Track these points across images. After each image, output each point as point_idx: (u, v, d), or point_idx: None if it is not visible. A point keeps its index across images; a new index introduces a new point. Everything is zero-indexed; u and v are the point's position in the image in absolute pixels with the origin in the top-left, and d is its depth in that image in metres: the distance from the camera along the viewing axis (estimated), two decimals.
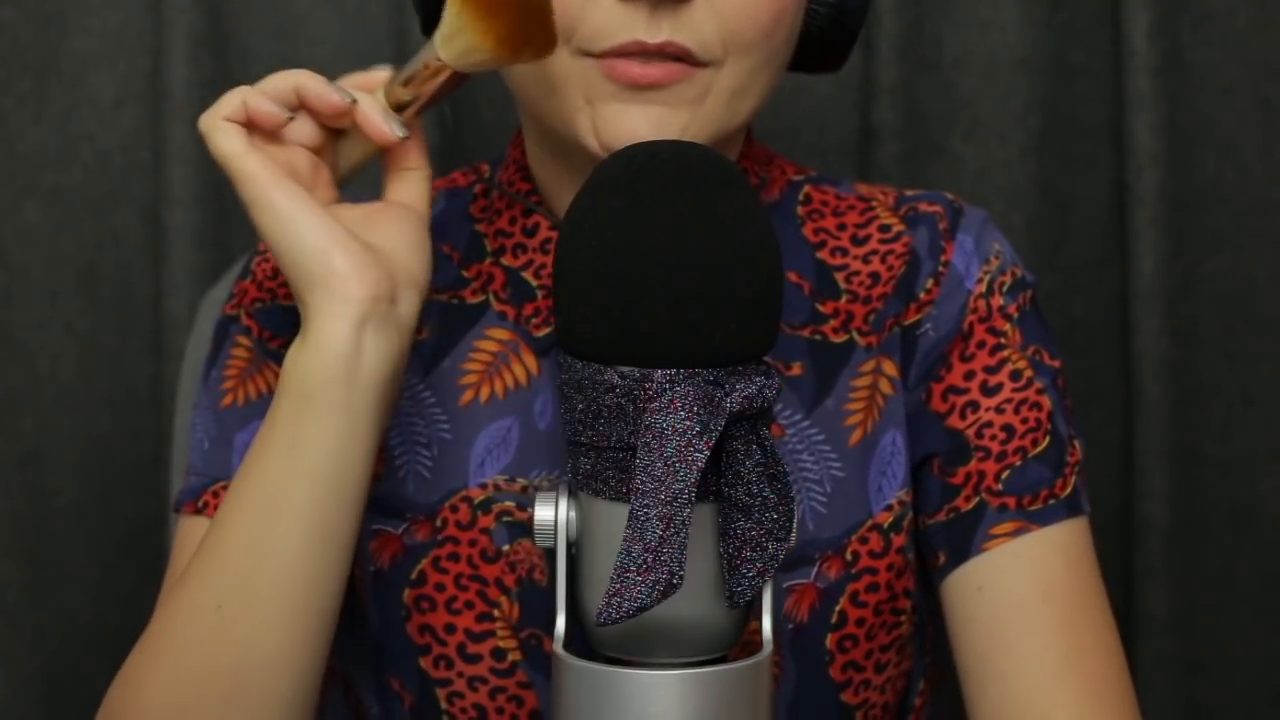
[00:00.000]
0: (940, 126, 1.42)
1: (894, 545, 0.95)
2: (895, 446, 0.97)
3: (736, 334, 0.74)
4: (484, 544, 0.94)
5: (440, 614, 0.94)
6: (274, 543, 0.83)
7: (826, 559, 0.94)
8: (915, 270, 0.99)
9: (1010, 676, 0.92)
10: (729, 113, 0.90)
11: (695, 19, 0.87)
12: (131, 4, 1.40)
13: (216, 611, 0.83)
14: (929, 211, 1.01)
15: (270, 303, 0.99)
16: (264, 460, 0.83)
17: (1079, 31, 1.42)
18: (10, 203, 1.41)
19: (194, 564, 0.85)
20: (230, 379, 0.98)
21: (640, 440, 0.73)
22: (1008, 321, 0.98)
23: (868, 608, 0.94)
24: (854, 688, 0.95)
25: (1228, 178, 1.43)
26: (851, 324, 0.98)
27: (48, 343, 1.42)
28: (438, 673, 0.95)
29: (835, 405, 0.97)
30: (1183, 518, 1.42)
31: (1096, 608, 0.95)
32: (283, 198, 0.82)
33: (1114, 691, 0.93)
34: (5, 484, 1.42)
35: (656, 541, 0.71)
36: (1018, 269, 1.00)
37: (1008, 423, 0.96)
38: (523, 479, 0.95)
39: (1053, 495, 0.95)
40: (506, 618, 0.94)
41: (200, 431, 0.98)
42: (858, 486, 0.96)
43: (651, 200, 0.74)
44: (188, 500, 0.96)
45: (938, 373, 0.97)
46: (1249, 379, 1.44)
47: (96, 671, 1.42)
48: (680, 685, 0.74)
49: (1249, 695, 1.45)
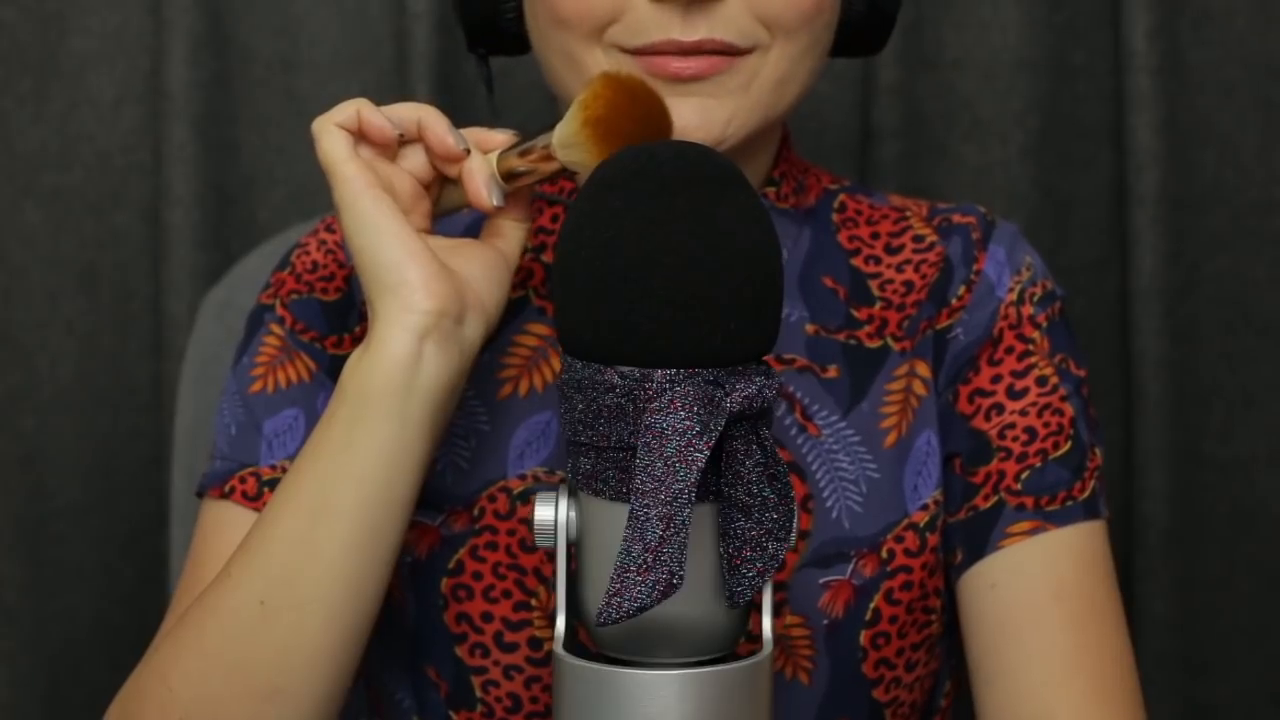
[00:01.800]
0: (940, 126, 1.42)
1: (929, 544, 0.96)
2: (930, 446, 0.97)
3: (736, 334, 0.74)
4: (523, 534, 0.94)
5: (478, 602, 0.94)
6: (320, 542, 0.83)
7: (863, 556, 0.94)
8: (949, 277, 1.00)
9: (1016, 672, 0.93)
10: (775, 98, 0.91)
11: (731, 12, 0.88)
12: (131, 4, 1.40)
13: (259, 607, 0.83)
14: (962, 222, 1.02)
15: (306, 295, 0.99)
16: (316, 460, 0.84)
17: (1079, 31, 1.42)
18: (10, 203, 1.41)
19: (238, 557, 0.85)
20: (261, 366, 0.98)
21: (640, 440, 0.73)
22: (1037, 330, 0.99)
23: (901, 605, 0.95)
24: (885, 685, 0.96)
25: (1228, 178, 1.43)
26: (886, 330, 0.99)
27: (48, 343, 1.42)
28: (474, 660, 0.95)
29: (870, 408, 0.97)
30: (1183, 518, 1.42)
31: (1108, 610, 0.95)
32: (372, 205, 0.83)
33: (1120, 692, 0.93)
34: (5, 484, 1.42)
35: (656, 541, 0.71)
36: (1048, 282, 1.02)
37: (1030, 425, 0.97)
38: (562, 471, 0.95)
39: (1070, 497, 0.96)
40: (544, 607, 0.94)
41: (228, 416, 0.98)
42: (893, 486, 0.96)
43: (651, 200, 0.74)
44: (213, 485, 0.96)
45: (966, 375, 0.98)
46: (1249, 379, 1.44)
47: (96, 671, 1.42)
48: (680, 685, 0.74)
49: (1249, 695, 1.46)
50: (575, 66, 0.91)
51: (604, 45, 0.89)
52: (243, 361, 0.99)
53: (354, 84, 1.41)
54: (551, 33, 0.91)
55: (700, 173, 0.75)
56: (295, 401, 0.97)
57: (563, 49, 0.91)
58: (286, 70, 1.41)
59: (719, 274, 0.73)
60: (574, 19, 0.89)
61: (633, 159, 0.76)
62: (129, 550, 1.43)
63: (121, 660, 0.88)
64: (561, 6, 0.90)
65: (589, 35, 0.89)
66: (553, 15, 0.90)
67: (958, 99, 1.42)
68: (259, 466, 0.95)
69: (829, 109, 1.42)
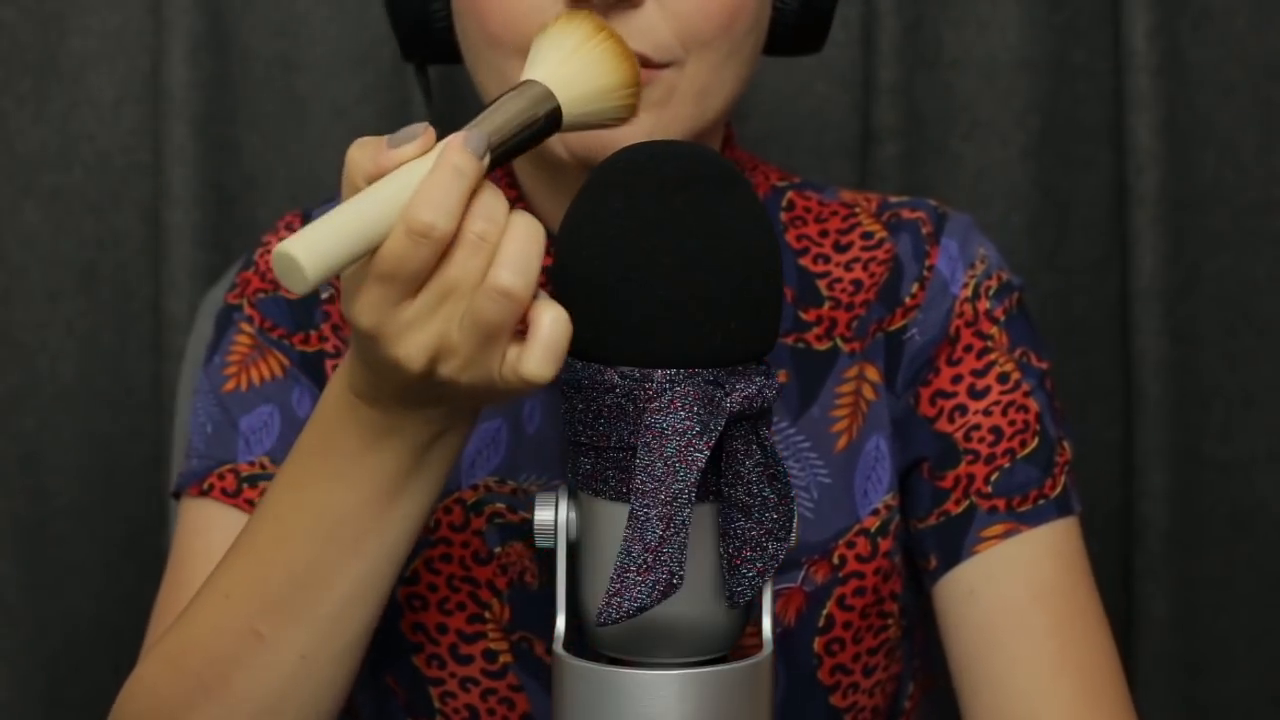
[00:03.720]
0: (940, 126, 1.42)
1: (881, 549, 0.95)
2: (880, 451, 0.97)
3: (736, 334, 0.74)
4: (476, 545, 0.94)
5: (433, 613, 0.94)
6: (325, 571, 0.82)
7: (813, 563, 0.94)
8: (899, 276, 0.99)
9: (1003, 679, 0.92)
10: (698, 111, 0.89)
11: (648, 22, 0.85)
12: (131, 4, 1.40)
13: (253, 635, 0.82)
14: (911, 218, 1.01)
15: (272, 293, 1.00)
16: (314, 487, 0.81)
17: (1079, 31, 1.42)
18: (10, 203, 1.41)
19: (228, 582, 0.84)
20: (233, 365, 0.98)
21: (640, 440, 0.73)
22: (994, 325, 0.98)
23: (854, 611, 0.94)
24: (842, 691, 0.95)
25: (1228, 178, 1.43)
26: (835, 330, 0.98)
27: (48, 343, 1.42)
28: (431, 671, 0.95)
29: (820, 412, 0.97)
30: (1183, 518, 1.42)
31: (1089, 608, 0.95)
32: None
33: (1108, 691, 0.93)
34: (5, 484, 1.41)
35: (656, 541, 0.71)
36: (1004, 273, 1.00)
37: (995, 425, 0.96)
38: (513, 481, 0.95)
39: (1042, 495, 0.95)
40: (498, 620, 0.94)
41: (203, 415, 0.98)
42: (844, 492, 0.96)
43: (651, 200, 0.74)
44: (191, 483, 0.96)
45: (925, 377, 0.97)
46: (1249, 379, 1.44)
47: (96, 671, 1.42)
48: (680, 685, 0.74)
49: (1249, 695, 1.45)
50: (502, 81, 0.88)
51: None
52: (214, 361, 0.99)
53: (354, 84, 1.41)
54: (483, 50, 0.90)
55: (700, 173, 0.75)
56: (269, 398, 0.97)
57: (490, 64, 0.89)
58: (286, 70, 1.41)
59: (719, 274, 0.73)
60: (502, 34, 0.87)
61: (633, 159, 0.76)
62: (129, 550, 1.43)
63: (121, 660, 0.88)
64: (490, 22, 0.87)
65: (515, 52, 0.87)
66: (481, 31, 0.88)
67: (957, 99, 1.42)
68: (237, 463, 0.95)
69: (829, 109, 1.42)
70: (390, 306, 0.71)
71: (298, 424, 0.97)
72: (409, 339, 0.72)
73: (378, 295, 0.71)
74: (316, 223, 0.69)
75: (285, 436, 0.96)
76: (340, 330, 0.99)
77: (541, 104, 0.75)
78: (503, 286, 0.70)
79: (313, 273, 0.68)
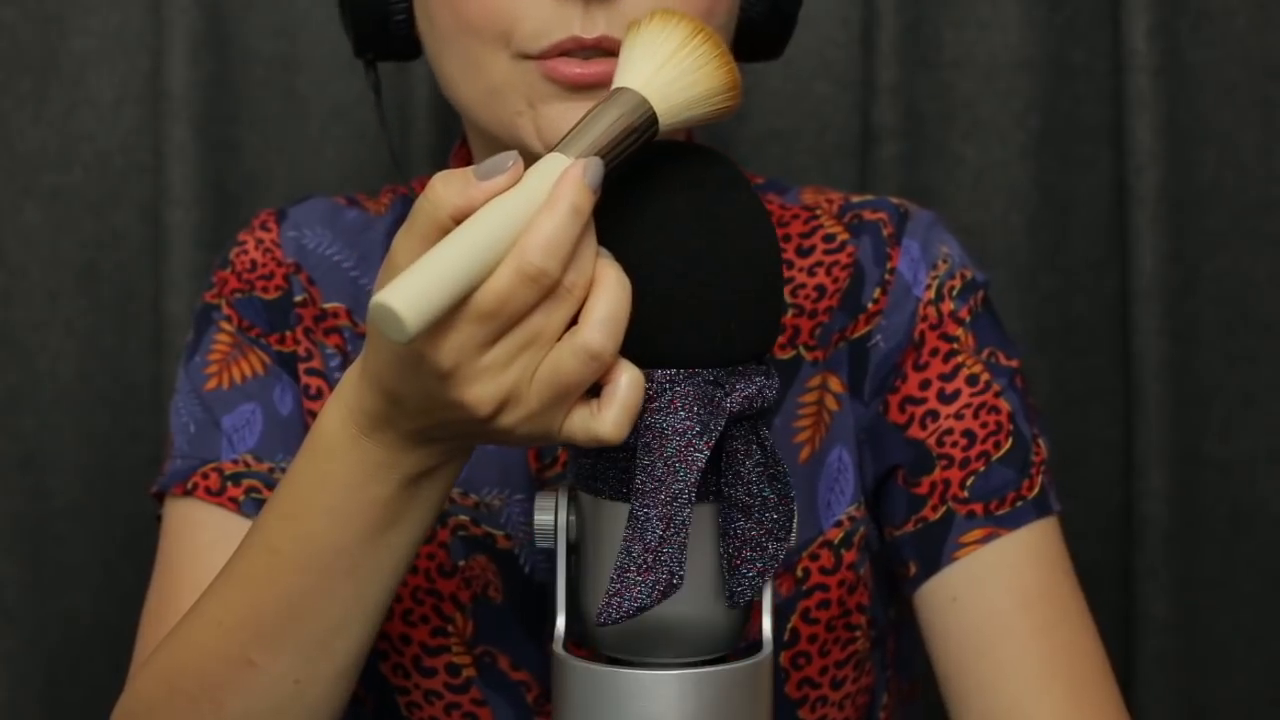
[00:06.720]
0: (940, 126, 1.42)
1: (845, 561, 0.94)
2: (843, 462, 0.96)
3: (736, 334, 0.74)
4: (441, 558, 0.94)
5: (396, 624, 0.94)
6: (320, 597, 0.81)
7: (777, 576, 0.93)
8: (860, 281, 0.98)
9: (992, 686, 0.91)
10: None
11: (630, 11, 0.84)
12: (131, 4, 1.40)
13: (246, 663, 0.81)
14: (873, 219, 1.00)
15: (248, 294, 1.00)
16: (309, 519, 0.79)
17: (1079, 31, 1.42)
18: (10, 203, 1.41)
19: (221, 610, 0.82)
20: (214, 363, 0.98)
21: (640, 440, 0.73)
22: (960, 326, 0.97)
23: (820, 624, 0.94)
24: (810, 705, 0.95)
25: (1228, 178, 1.43)
26: (798, 339, 0.97)
27: (48, 343, 1.42)
28: (397, 680, 0.95)
29: (784, 423, 0.96)
30: (1183, 518, 1.42)
31: (1073, 609, 0.94)
32: None
33: (1097, 692, 0.92)
34: (5, 484, 1.41)
35: (656, 541, 0.71)
36: (967, 270, 0.99)
37: (968, 428, 0.95)
38: (475, 495, 0.95)
39: (1020, 497, 0.94)
40: (461, 634, 0.94)
41: (185, 415, 0.98)
42: (807, 504, 0.95)
43: (653, 200, 0.74)
44: (175, 483, 0.96)
45: (893, 384, 0.96)
46: (1249, 379, 1.44)
47: (96, 671, 1.42)
48: (680, 685, 0.74)
49: (1249, 695, 1.45)
50: (477, 73, 0.87)
51: (510, 53, 0.85)
52: (195, 360, 0.99)
53: (354, 84, 1.41)
54: (454, 38, 0.87)
55: (700, 173, 0.75)
56: (251, 396, 0.97)
57: (464, 54, 0.87)
58: (286, 70, 1.41)
59: (720, 274, 0.73)
60: (480, 22, 0.85)
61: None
62: (129, 550, 1.43)
63: (121, 660, 0.88)
64: (466, 9, 0.85)
65: (494, 40, 0.85)
66: (458, 20, 0.86)
67: (957, 99, 1.42)
68: (220, 462, 0.95)
69: (829, 109, 1.42)
70: (477, 348, 0.68)
71: (280, 421, 0.97)
72: (484, 383, 0.69)
73: (468, 336, 0.68)
74: (413, 269, 0.66)
75: (268, 434, 0.96)
76: (312, 334, 0.99)
77: (639, 115, 0.72)
78: (594, 350, 0.68)
79: (413, 324, 0.65)
